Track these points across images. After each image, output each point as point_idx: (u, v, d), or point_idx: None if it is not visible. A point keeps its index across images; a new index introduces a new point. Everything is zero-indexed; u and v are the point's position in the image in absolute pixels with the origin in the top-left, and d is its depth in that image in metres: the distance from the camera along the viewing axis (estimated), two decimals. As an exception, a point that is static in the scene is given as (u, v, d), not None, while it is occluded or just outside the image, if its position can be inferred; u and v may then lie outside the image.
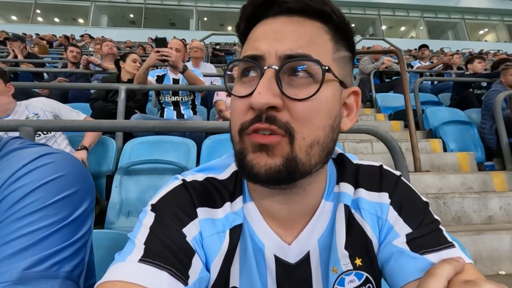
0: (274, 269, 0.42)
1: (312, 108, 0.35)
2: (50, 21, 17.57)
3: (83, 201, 0.45)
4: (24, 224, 0.38)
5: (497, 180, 2.17)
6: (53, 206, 0.41)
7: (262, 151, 0.35)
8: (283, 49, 0.36)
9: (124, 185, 1.64)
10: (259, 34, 0.38)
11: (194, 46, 3.39)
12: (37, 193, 0.40)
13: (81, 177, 0.46)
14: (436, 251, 0.38)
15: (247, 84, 0.38)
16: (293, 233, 0.43)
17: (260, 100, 0.34)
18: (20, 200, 0.40)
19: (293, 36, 0.36)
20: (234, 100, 0.39)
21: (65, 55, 3.82)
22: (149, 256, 0.35)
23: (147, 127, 1.22)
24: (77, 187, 0.44)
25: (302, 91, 0.35)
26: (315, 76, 0.36)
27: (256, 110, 0.35)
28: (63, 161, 0.45)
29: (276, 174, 0.35)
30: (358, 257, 0.42)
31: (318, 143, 0.36)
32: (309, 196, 0.43)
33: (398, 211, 0.43)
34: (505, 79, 2.92)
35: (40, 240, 0.38)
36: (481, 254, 1.45)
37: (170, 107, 2.46)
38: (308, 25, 0.38)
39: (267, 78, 0.35)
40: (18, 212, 0.39)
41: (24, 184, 0.40)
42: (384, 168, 0.47)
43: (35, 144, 0.49)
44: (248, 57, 0.37)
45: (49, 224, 0.39)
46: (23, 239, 0.37)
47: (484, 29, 19.74)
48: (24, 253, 0.37)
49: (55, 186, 0.42)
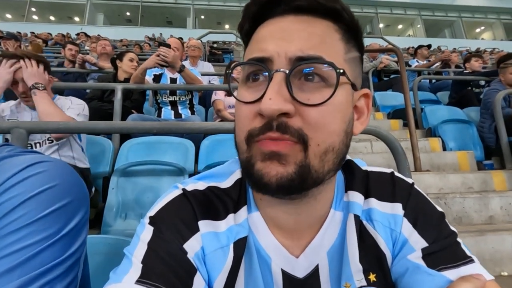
0: (281, 284, 0.40)
1: (326, 113, 0.33)
2: (45, 20, 17.40)
3: (76, 212, 0.41)
4: (11, 241, 0.35)
5: (497, 179, 2.16)
6: (44, 219, 0.37)
7: (273, 160, 0.33)
8: (293, 50, 0.33)
9: (121, 187, 1.61)
10: (265, 34, 0.36)
11: (192, 45, 3.35)
12: (26, 206, 0.37)
13: (74, 187, 0.43)
14: (455, 268, 0.36)
15: (253, 89, 0.35)
16: (300, 245, 0.41)
17: (271, 106, 0.31)
18: (8, 213, 0.36)
19: (302, 35, 0.34)
20: (239, 106, 0.36)
21: (63, 52, 3.77)
22: (147, 276, 0.33)
23: (145, 128, 1.19)
24: (70, 197, 0.41)
25: (315, 95, 0.33)
26: (327, 79, 0.34)
27: (266, 117, 0.32)
28: (55, 170, 0.42)
29: (288, 183, 0.33)
30: (372, 272, 0.40)
31: (333, 150, 0.34)
32: (319, 205, 0.40)
33: (413, 223, 0.40)
34: (504, 77, 2.91)
35: (29, 259, 0.35)
36: (483, 255, 1.44)
37: (168, 107, 2.43)
38: (318, 24, 0.35)
39: (276, 82, 0.32)
40: (6, 228, 0.35)
41: (13, 196, 0.37)
42: (396, 175, 0.45)
43: (26, 152, 0.46)
44: (255, 59, 0.35)
45: (39, 240, 0.36)
46: (10, 258, 0.34)
47: (480, 27, 19.83)
48: (11, 274, 0.34)
49: (46, 197, 0.38)
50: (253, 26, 0.38)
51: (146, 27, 15.41)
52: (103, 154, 1.88)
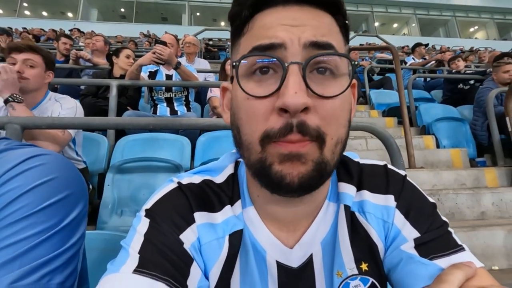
0: (276, 274, 0.40)
1: (338, 106, 0.33)
2: (37, 15, 17.09)
3: (75, 205, 0.42)
4: (11, 232, 0.35)
5: (489, 176, 2.20)
6: (43, 212, 0.38)
7: (293, 160, 0.32)
8: (306, 36, 0.32)
9: (117, 184, 1.60)
10: (271, 21, 0.34)
11: (188, 41, 3.33)
12: (25, 198, 0.37)
13: (73, 180, 0.43)
14: (446, 256, 0.37)
15: (264, 83, 0.33)
16: (295, 236, 0.41)
17: (298, 100, 0.30)
18: (6, 205, 0.37)
19: (313, 23, 0.33)
20: (248, 102, 0.34)
21: (56, 45, 3.71)
22: (144, 266, 0.33)
23: (141, 124, 1.19)
24: (69, 190, 0.41)
25: (329, 88, 0.33)
26: (337, 70, 0.34)
27: (291, 112, 0.31)
28: (53, 163, 0.42)
29: (309, 181, 0.33)
30: (364, 262, 0.41)
31: (341, 141, 0.35)
32: (318, 196, 0.41)
33: (405, 214, 0.41)
34: (497, 76, 2.95)
35: (29, 250, 0.35)
36: (475, 250, 1.47)
37: (163, 104, 2.42)
38: (322, 15, 0.35)
39: (295, 74, 0.31)
40: (5, 220, 0.36)
41: (11, 189, 0.37)
42: (389, 168, 0.46)
43: (23, 145, 0.46)
44: (263, 47, 0.33)
45: (38, 232, 0.36)
46: (10, 250, 0.34)
47: (474, 26, 20.02)
48: (11, 264, 0.34)
49: (45, 190, 0.39)
50: (252, 14, 0.36)
51: (140, 24, 15.23)
52: (98, 151, 1.87)
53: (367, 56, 6.74)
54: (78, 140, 1.66)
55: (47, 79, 1.54)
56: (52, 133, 1.35)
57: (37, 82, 1.48)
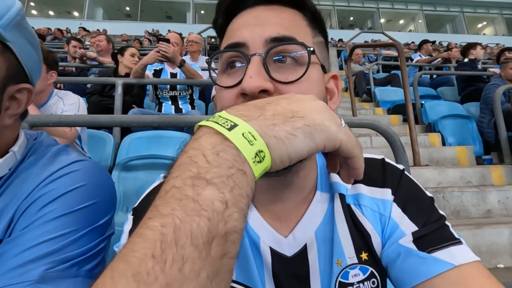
0: (270, 261, 0.41)
1: (303, 90, 0.35)
2: (44, 14, 17.27)
3: (101, 212, 0.48)
4: (50, 228, 0.42)
5: (496, 174, 2.17)
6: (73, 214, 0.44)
7: None
8: (267, 33, 0.36)
9: (122, 181, 1.62)
10: (239, 23, 0.39)
11: (191, 40, 3.34)
12: (58, 202, 0.44)
13: (102, 189, 0.49)
14: (444, 248, 0.38)
15: (233, 75, 0.38)
16: (288, 226, 0.43)
17: (252, 83, 0.33)
18: (47, 204, 0.44)
19: (274, 21, 0.37)
20: (221, 92, 0.38)
21: (66, 48, 3.74)
22: None
23: (146, 122, 1.20)
24: (95, 199, 0.47)
25: (291, 74, 0.36)
26: (300, 59, 0.37)
27: (248, 96, 0.34)
28: (88, 170, 0.49)
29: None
30: (364, 252, 0.42)
31: None
32: (301, 184, 0.42)
33: (403, 208, 0.42)
34: (505, 72, 2.91)
35: (63, 246, 0.42)
36: (480, 248, 1.46)
37: (168, 102, 2.44)
38: (286, 11, 0.39)
39: (255, 63, 0.35)
40: (45, 216, 0.43)
41: (52, 189, 0.45)
42: (387, 162, 0.46)
43: (72, 149, 0.55)
44: (231, 45, 0.37)
45: (72, 230, 0.43)
46: (49, 243, 0.41)
47: (482, 22, 19.68)
48: (48, 256, 0.40)
49: (73, 196, 0.45)
50: (226, 20, 0.41)
51: (145, 22, 15.31)
52: (104, 148, 1.89)
53: (372, 53, 6.68)
54: (83, 137, 1.69)
55: (50, 79, 1.55)
56: (60, 130, 1.38)
57: (40, 84, 1.49)
